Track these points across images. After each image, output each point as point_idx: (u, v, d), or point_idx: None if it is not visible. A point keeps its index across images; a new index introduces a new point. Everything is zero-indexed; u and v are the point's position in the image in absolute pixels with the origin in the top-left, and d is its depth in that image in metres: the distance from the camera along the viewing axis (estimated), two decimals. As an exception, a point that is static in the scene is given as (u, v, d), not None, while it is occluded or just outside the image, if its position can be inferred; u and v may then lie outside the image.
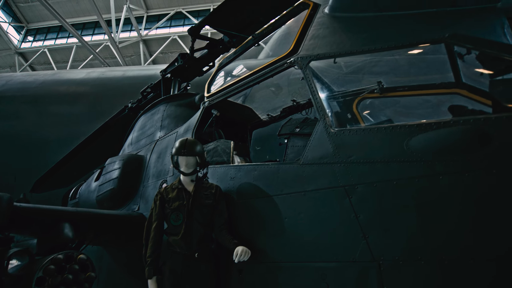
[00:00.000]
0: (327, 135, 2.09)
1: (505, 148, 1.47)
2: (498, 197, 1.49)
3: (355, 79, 2.82)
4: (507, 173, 1.45)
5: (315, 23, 10.16)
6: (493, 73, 1.80)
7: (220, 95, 3.29)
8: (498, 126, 1.51)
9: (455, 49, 1.99)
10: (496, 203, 1.49)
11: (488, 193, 1.51)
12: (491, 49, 1.67)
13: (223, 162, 2.87)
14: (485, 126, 1.55)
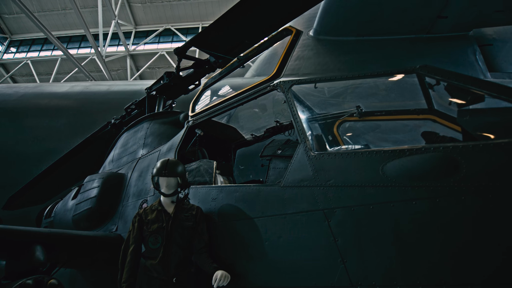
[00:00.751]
0: (307, 158, 2.14)
1: (472, 175, 1.55)
2: (467, 223, 1.55)
3: (335, 103, 2.92)
4: (474, 199, 1.52)
5: (300, 45, 10.54)
6: (460, 103, 1.91)
7: (204, 115, 3.32)
8: (465, 154, 1.60)
9: (426, 79, 2.11)
10: (465, 228, 1.55)
11: (458, 219, 1.57)
12: (458, 81, 1.78)
13: (205, 182, 2.86)
14: (454, 154, 1.63)
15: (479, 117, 1.86)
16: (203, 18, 22.21)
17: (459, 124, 1.88)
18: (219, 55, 3.87)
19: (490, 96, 1.70)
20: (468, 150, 1.60)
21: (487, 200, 1.50)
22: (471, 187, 1.54)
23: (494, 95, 1.66)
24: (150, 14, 22.50)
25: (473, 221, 1.53)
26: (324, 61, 9.76)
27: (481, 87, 1.72)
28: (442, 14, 8.26)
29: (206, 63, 4.30)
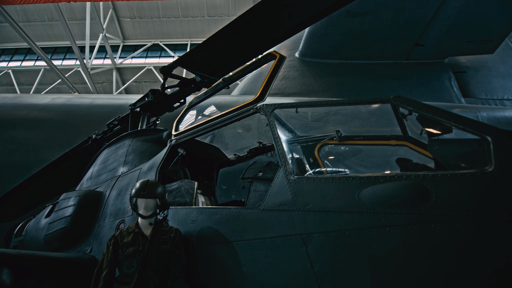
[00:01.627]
0: (287, 182, 2.17)
1: (441, 204, 1.62)
2: (437, 250, 1.60)
3: (316, 127, 3.00)
4: (443, 228, 1.59)
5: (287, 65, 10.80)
6: (430, 132, 2.02)
7: (187, 134, 3.32)
8: (434, 184, 1.67)
9: (400, 109, 2.23)
10: (435, 255, 1.60)
11: (428, 246, 1.62)
12: (428, 112, 1.89)
13: (185, 203, 2.83)
14: (424, 182, 1.71)
15: (448, 147, 1.96)
16: (192, 35, 22.54)
17: (430, 152, 1.98)
18: (205, 76, 3.93)
19: (456, 127, 1.81)
20: (437, 179, 1.68)
21: (454, 229, 1.56)
22: (440, 216, 1.60)
23: (460, 127, 1.77)
24: (139, 29, 22.64)
25: (442, 249, 1.58)
26: (308, 81, 10.05)
27: (449, 119, 1.83)
28: (419, 42, 8.78)
29: (192, 82, 4.34)
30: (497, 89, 9.30)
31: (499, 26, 8.19)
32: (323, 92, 9.59)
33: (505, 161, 1.56)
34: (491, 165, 1.58)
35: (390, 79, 9.42)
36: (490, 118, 8.30)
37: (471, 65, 9.64)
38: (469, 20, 8.07)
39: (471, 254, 1.52)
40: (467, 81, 9.39)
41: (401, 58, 9.48)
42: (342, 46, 9.49)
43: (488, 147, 1.62)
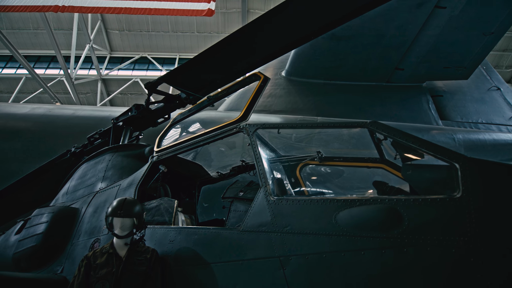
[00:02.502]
0: (266, 203, 2.18)
1: (413, 228, 1.68)
2: (409, 274, 1.64)
3: (297, 148, 3.06)
4: (414, 252, 1.63)
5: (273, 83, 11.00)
6: (403, 157, 2.10)
7: (169, 151, 3.30)
8: (407, 208, 1.73)
9: (376, 134, 2.32)
10: (408, 279, 1.64)
11: (401, 270, 1.66)
12: (401, 138, 1.98)
13: (164, 222, 2.77)
14: (398, 206, 1.76)
15: (420, 172, 2.05)
16: (181, 50, 22.69)
17: (404, 177, 2.06)
18: (190, 93, 3.95)
19: (427, 153, 1.89)
20: (409, 204, 1.74)
21: (425, 253, 1.61)
22: (412, 240, 1.65)
23: (431, 153, 1.86)
24: (127, 41, 22.60)
25: (414, 273, 1.62)
26: (294, 100, 10.28)
27: (421, 145, 1.92)
28: (399, 66, 9.24)
29: (177, 98, 4.35)
30: (471, 113, 9.81)
31: (472, 54, 8.76)
32: (308, 111, 9.82)
33: (472, 187, 1.64)
34: (459, 191, 1.66)
35: (372, 101, 9.79)
36: (466, 140, 8.71)
37: (447, 89, 10.19)
38: (445, 48, 8.59)
39: (441, 278, 1.57)
40: (444, 104, 9.89)
41: (382, 81, 9.91)
42: (326, 67, 9.83)
43: (456, 174, 1.71)
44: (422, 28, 8.14)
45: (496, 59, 21.76)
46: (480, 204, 1.60)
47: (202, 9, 14.09)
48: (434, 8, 7.79)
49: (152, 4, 14.24)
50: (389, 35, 8.36)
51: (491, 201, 1.62)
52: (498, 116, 9.79)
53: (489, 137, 8.86)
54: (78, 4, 14.20)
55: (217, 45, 3.53)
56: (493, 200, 1.62)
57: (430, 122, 9.26)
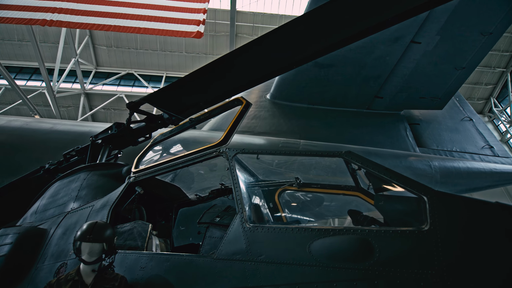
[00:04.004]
0: (242, 230, 2.16)
1: (383, 260, 1.70)
2: (380, 308, 1.64)
3: (276, 174, 3.09)
4: (385, 284, 1.64)
5: (258, 105, 11.17)
6: (376, 188, 2.16)
7: (147, 172, 3.24)
8: (378, 239, 1.76)
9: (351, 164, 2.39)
10: (379, 313, 1.63)
11: (372, 303, 1.66)
12: (373, 169, 2.05)
13: (136, 247, 2.67)
14: (369, 237, 1.79)
15: (391, 203, 2.11)
16: (168, 69, 22.84)
17: (376, 207, 2.11)
18: (173, 114, 3.95)
19: (398, 185, 1.96)
20: (380, 235, 1.77)
21: (395, 286, 1.62)
22: (382, 272, 1.67)
23: (401, 185, 1.93)
24: (114, 57, 22.57)
25: (385, 307, 1.63)
26: (278, 122, 10.47)
27: (392, 177, 1.99)
28: (378, 95, 9.69)
29: (159, 118, 4.33)
30: (446, 141, 10.29)
31: (446, 86, 9.34)
32: (291, 133, 10.00)
33: (439, 220, 1.70)
34: (427, 224, 1.71)
35: (353, 126, 10.13)
36: (441, 168, 9.09)
37: (424, 118, 10.72)
38: (421, 79, 9.13)
39: (410, 312, 1.58)
40: (421, 132, 10.35)
41: (363, 107, 10.32)
42: (310, 92, 10.15)
43: (425, 207, 1.77)
44: (399, 60, 8.65)
45: (468, 91, 23.21)
46: (447, 237, 1.65)
47: (191, 31, 14.38)
48: (410, 43, 8.33)
49: (142, 24, 14.41)
50: (369, 65, 8.82)
51: (457, 234, 1.68)
52: (471, 145, 10.32)
53: (463, 165, 9.29)
54: (67, 20, 14.17)
55: (202, 68, 3.60)
56: (459, 233, 1.68)
57: (408, 148, 9.63)
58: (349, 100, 9.99)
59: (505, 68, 22.51)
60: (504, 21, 7.65)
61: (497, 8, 7.70)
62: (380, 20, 2.55)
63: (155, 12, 15.03)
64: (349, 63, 8.98)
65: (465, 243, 1.65)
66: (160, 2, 15.26)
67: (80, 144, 5.28)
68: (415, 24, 8.02)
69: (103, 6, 14.72)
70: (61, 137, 8.55)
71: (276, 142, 9.76)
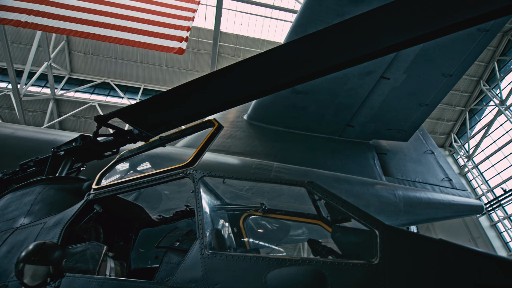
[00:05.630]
0: (200, 257, 2.12)
1: (335, 293, 1.74)
2: None
3: (243, 197, 3.09)
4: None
5: (235, 125, 11.25)
6: (333, 220, 2.23)
7: (108, 190, 3.12)
8: (331, 271, 1.80)
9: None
10: None
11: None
12: (332, 201, 2.13)
13: (87, 270, 2.51)
14: (323, 269, 1.83)
15: (346, 235, 2.18)
16: (147, 81, 22.55)
17: (332, 238, 2.17)
18: (143, 131, 3.88)
19: (353, 218, 2.04)
20: (334, 267, 1.81)
21: (345, 320, 1.66)
22: (334, 305, 1.70)
23: (356, 218, 2.01)
24: (90, 64, 21.97)
25: None
26: (253, 143, 10.57)
27: (348, 209, 2.07)
28: (350, 124, 10.16)
29: (128, 133, 4.22)
30: (410, 172, 10.88)
31: (411, 120, 10.02)
32: (265, 155, 10.12)
33: (388, 255, 1.78)
34: (377, 257, 1.78)
35: (326, 152, 10.47)
36: (405, 197, 9.56)
37: (390, 148, 11.33)
38: (389, 112, 9.73)
39: None
40: (387, 162, 10.89)
41: (335, 134, 10.74)
42: (286, 116, 10.43)
43: (376, 240, 1.85)
44: (370, 93, 9.22)
45: (431, 126, 24.93)
46: (394, 271, 1.73)
47: (174, 47, 14.46)
48: (380, 78, 8.94)
49: (123, 35, 14.29)
50: (342, 95, 9.29)
51: (404, 269, 1.76)
52: (432, 177, 11.00)
53: (424, 195, 9.83)
54: (43, 23, 13.75)
55: (177, 87, 3.61)
56: (406, 268, 1.77)
57: (375, 177, 10.06)
58: (323, 127, 10.37)
59: (464, 107, 24.58)
60: (463, 65, 8.48)
61: (457, 53, 8.51)
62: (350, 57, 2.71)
63: (138, 25, 15.01)
64: (324, 91, 9.40)
65: (411, 278, 1.74)
66: (144, 16, 15.31)
67: (42, 153, 4.97)
68: (385, 62, 8.65)
69: (84, 14, 14.48)
70: (22, 144, 8.02)
71: (250, 163, 9.81)
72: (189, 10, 16.04)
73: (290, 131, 10.74)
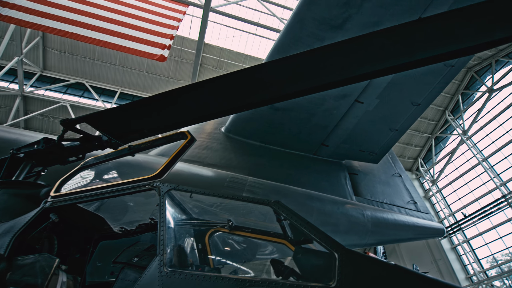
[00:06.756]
0: (158, 274, 2.04)
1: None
2: None
3: (211, 213, 3.05)
4: None
5: (212, 137, 11.17)
6: (296, 240, 2.25)
7: (68, 198, 2.95)
8: (290, 294, 1.80)
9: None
10: None
11: None
12: (296, 221, 2.15)
13: (34, 285, 2.32)
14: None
15: (307, 256, 2.20)
16: (124, 85, 22.01)
17: (294, 259, 2.18)
18: (112, 138, 3.75)
19: (315, 240, 2.07)
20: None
21: None
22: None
23: (317, 240, 2.04)
24: (65, 63, 21.14)
25: None
26: (229, 156, 10.53)
27: (311, 231, 2.10)
28: (325, 143, 10.46)
29: (96, 139, 4.05)
30: (379, 193, 11.31)
31: (381, 143, 10.50)
32: (240, 169, 10.10)
33: (345, 278, 1.82)
34: (335, 281, 1.81)
35: (300, 169, 10.66)
36: (373, 217, 9.88)
37: (362, 169, 11.75)
38: (361, 135, 10.15)
39: None
40: (358, 182, 11.27)
41: (310, 152, 11.00)
42: (263, 131, 10.56)
43: (335, 263, 1.88)
44: (344, 115, 9.60)
45: (400, 150, 26.20)
46: (350, 295, 1.76)
47: (155, 54, 14.32)
48: (355, 101, 9.36)
49: (104, 37, 13.97)
50: (318, 115, 9.59)
51: (360, 292, 1.80)
52: (399, 199, 11.49)
53: (391, 216, 10.21)
54: (18, 17, 13.16)
55: (152, 97, 3.55)
56: (361, 292, 1.81)
57: (346, 196, 10.33)
58: (298, 144, 10.59)
59: (431, 134, 26.14)
60: (430, 95, 9.10)
61: (426, 84, 9.14)
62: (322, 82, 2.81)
63: (121, 29, 14.75)
64: (302, 110, 9.66)
65: (366, 302, 1.78)
66: (128, 20, 15.11)
67: (1, 153, 4.63)
68: (360, 86, 9.08)
69: (63, 11, 14.04)
70: (-21, 142, 7.43)
71: (224, 176, 9.75)
72: (174, 19, 16.06)
73: (267, 147, 10.86)
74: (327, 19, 6.88)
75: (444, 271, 21.43)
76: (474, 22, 2.18)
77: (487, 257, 20.58)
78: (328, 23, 6.93)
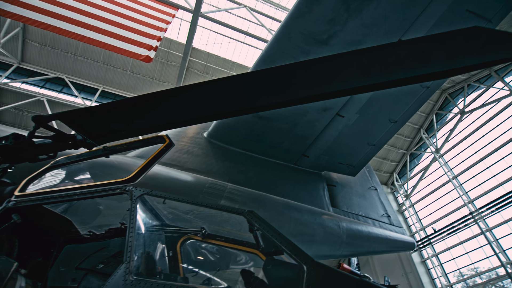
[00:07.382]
0: (123, 283, 1.98)
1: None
2: None
3: (184, 220, 3.00)
4: None
5: (193, 141, 11.08)
6: (267, 252, 2.26)
7: (33, 199, 2.82)
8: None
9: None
10: None
11: None
12: (269, 232, 2.17)
13: (-12, 290, 2.19)
14: (249, 303, 1.82)
15: (277, 268, 2.21)
16: (107, 83, 21.45)
17: (263, 270, 2.19)
18: (86, 138, 3.62)
19: (285, 252, 2.09)
20: (259, 301, 1.81)
21: None
22: None
23: (288, 252, 2.06)
24: (45, 57, 20.36)
25: None
26: (210, 162, 10.45)
27: (282, 242, 2.12)
28: (305, 153, 10.64)
29: (70, 138, 3.91)
30: (355, 205, 11.57)
31: (359, 157, 10.80)
32: (220, 175, 10.03)
33: (312, 291, 1.84)
34: (301, 293, 1.83)
35: (280, 178, 10.74)
36: (348, 229, 10.07)
37: (339, 181, 12.02)
38: (340, 147, 10.40)
39: None
40: (336, 193, 11.49)
41: (291, 162, 11.14)
42: (245, 139, 10.59)
43: (303, 276, 1.90)
44: (325, 127, 9.83)
45: (377, 164, 27.00)
46: (316, 308, 1.78)
47: (141, 54, 14.09)
48: (336, 115, 9.62)
49: (88, 33, 13.61)
50: (300, 126, 9.76)
51: (325, 306, 1.82)
52: (374, 212, 11.80)
53: (365, 229, 10.46)
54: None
55: (131, 99, 3.48)
56: (327, 305, 1.83)
57: (323, 207, 10.49)
58: (280, 153, 10.69)
59: (406, 150, 27.15)
60: (406, 114, 9.50)
61: (402, 103, 9.55)
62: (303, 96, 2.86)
63: (107, 26, 14.46)
64: (285, 120, 9.80)
65: (330, 316, 1.80)
66: (114, 19, 14.84)
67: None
68: (341, 101, 9.35)
69: (46, 4, 13.59)
70: None
71: (204, 181, 9.65)
72: (162, 21, 15.94)
73: (248, 154, 10.89)
74: (313, 34, 7.07)
75: (414, 284, 22.02)
76: (446, 48, 2.32)
77: (454, 272, 21.40)
78: (314, 38, 7.13)
